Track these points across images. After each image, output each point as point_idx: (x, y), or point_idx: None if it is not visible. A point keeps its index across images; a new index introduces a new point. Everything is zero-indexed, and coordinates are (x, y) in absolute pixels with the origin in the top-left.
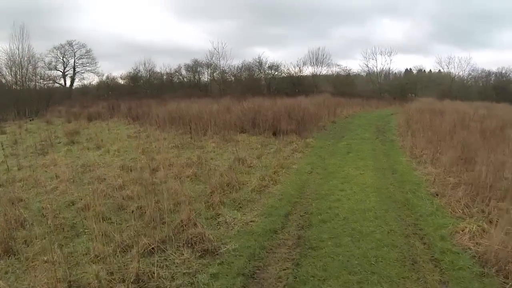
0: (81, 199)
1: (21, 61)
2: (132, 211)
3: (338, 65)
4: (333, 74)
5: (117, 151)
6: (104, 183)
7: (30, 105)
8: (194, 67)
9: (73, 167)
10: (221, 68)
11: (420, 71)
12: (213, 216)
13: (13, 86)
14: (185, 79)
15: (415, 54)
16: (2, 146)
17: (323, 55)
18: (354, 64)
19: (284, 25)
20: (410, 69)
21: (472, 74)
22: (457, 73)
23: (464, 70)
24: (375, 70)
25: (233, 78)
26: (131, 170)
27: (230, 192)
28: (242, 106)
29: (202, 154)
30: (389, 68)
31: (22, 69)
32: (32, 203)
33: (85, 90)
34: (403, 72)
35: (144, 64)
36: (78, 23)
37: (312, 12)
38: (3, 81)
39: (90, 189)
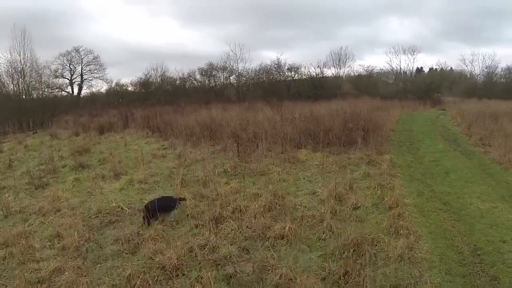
0: None
1: (23, 68)
2: None
3: (360, 65)
4: (354, 75)
5: (144, 182)
6: (139, 256)
7: (34, 116)
8: (209, 71)
9: (83, 215)
10: (238, 71)
11: (441, 70)
12: None
13: (15, 96)
14: (199, 84)
15: (424, 53)
16: None
17: (346, 55)
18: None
19: (290, 27)
20: (433, 67)
21: (496, 71)
22: (481, 71)
23: (489, 67)
24: (398, 69)
25: (250, 82)
26: (176, 223)
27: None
28: (285, 114)
29: (272, 185)
30: (412, 67)
31: (24, 77)
32: None
33: (94, 97)
34: (414, 71)
35: (156, 69)
36: (84, 31)
37: (318, 13)
38: (4, 91)
39: (117, 276)
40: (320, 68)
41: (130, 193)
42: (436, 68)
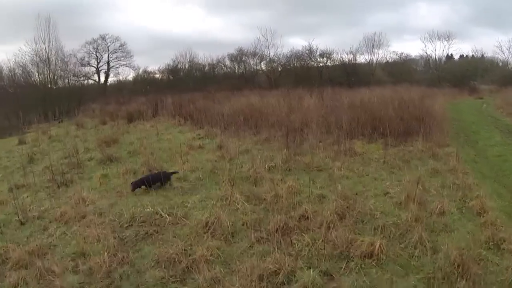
0: None
1: (48, 56)
2: None
3: (394, 51)
4: (388, 61)
5: (183, 179)
6: (191, 286)
7: (60, 105)
8: (239, 57)
9: (114, 223)
10: (269, 57)
11: (472, 57)
12: None
13: (40, 85)
14: (229, 70)
15: (455, 40)
16: (11, 169)
17: (380, 41)
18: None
19: (316, 13)
20: (464, 55)
21: None
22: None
23: None
24: (432, 56)
25: (280, 68)
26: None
27: None
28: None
29: (337, 184)
30: (445, 54)
31: (50, 66)
32: None
33: (121, 85)
34: (444, 58)
35: (185, 55)
36: (109, 20)
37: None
38: (29, 80)
39: None
40: (353, 54)
41: (168, 194)
42: (466, 55)
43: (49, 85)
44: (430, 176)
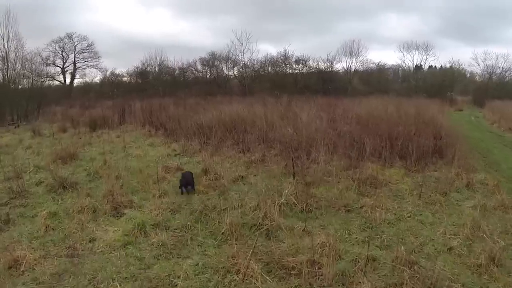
0: None
1: (6, 52)
2: None
3: (370, 60)
4: (365, 70)
5: (163, 227)
6: None
7: (18, 107)
8: (211, 61)
9: None
10: (244, 62)
11: (451, 68)
12: None
13: None
14: (200, 74)
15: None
16: None
17: (358, 49)
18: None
19: (285, 21)
20: (444, 65)
21: (496, 71)
22: (493, 69)
23: (492, 67)
24: (409, 66)
25: (254, 74)
26: None
27: None
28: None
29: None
30: (417, 65)
31: (7, 63)
32: None
33: (87, 88)
34: (413, 68)
35: (155, 57)
36: (76, 19)
37: (315, 7)
38: None
39: None
40: (330, 62)
41: (144, 255)
42: (441, 66)
43: (8, 85)
44: (482, 217)
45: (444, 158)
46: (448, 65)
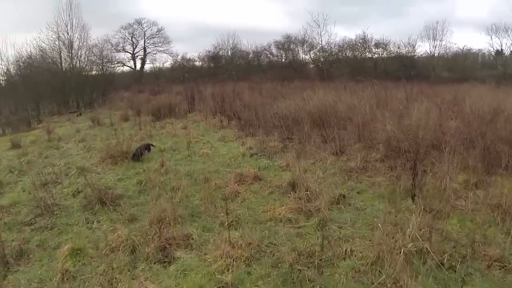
0: None
1: (70, 40)
2: None
3: (455, 44)
4: (448, 55)
5: None
6: None
7: (82, 94)
8: (286, 44)
9: None
10: (321, 45)
11: None
12: None
13: (60, 71)
14: (275, 58)
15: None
16: None
17: (443, 31)
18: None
19: (355, 3)
20: None
21: None
22: None
23: None
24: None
25: (332, 58)
26: None
27: None
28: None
29: None
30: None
31: (72, 49)
32: None
33: (158, 73)
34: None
35: (228, 40)
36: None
37: None
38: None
39: None
40: (412, 46)
41: None
42: None
43: (73, 72)
44: None
45: None
46: None
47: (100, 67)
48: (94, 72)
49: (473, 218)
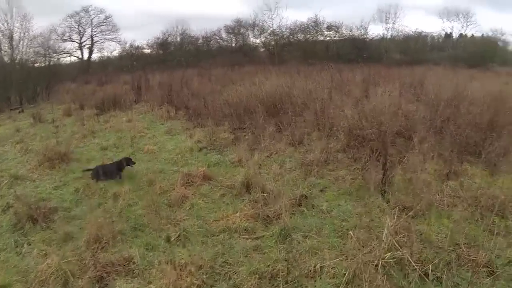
0: None
1: (10, 30)
2: None
3: (407, 27)
4: (398, 37)
5: None
6: None
7: (24, 89)
8: (237, 29)
9: None
10: (273, 28)
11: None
12: None
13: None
14: (225, 43)
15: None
16: None
17: (395, 14)
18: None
19: None
20: (484, 34)
21: None
22: None
23: None
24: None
25: (283, 41)
26: None
27: None
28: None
29: None
30: (464, 33)
31: (12, 40)
32: None
33: (106, 62)
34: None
35: (176, 26)
36: None
37: None
38: None
39: None
40: (364, 28)
41: None
42: (465, 35)
43: (13, 66)
44: None
45: None
46: (489, 34)
47: (45, 58)
48: (38, 65)
49: (450, 215)
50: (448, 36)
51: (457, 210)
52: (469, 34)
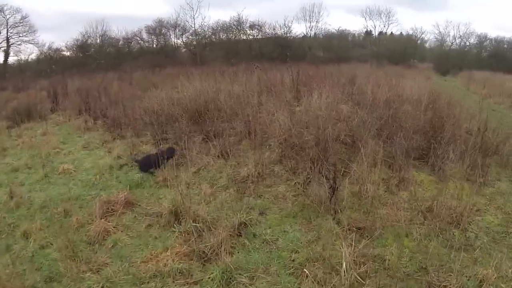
0: None
1: None
2: None
3: (330, 25)
4: (324, 35)
5: None
6: None
7: None
8: (158, 29)
9: None
10: (195, 28)
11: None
12: None
13: None
14: (146, 44)
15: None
16: None
17: (319, 13)
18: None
19: None
20: (406, 32)
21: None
22: (454, 39)
23: (463, 37)
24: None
25: (205, 41)
26: None
27: None
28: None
29: None
30: (386, 31)
31: None
32: None
33: (23, 66)
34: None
35: (96, 27)
36: None
37: None
38: None
39: None
40: (287, 27)
41: None
42: (385, 33)
43: None
44: None
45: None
46: (410, 32)
47: None
48: None
49: (408, 232)
50: (369, 33)
51: (414, 227)
52: (389, 33)
